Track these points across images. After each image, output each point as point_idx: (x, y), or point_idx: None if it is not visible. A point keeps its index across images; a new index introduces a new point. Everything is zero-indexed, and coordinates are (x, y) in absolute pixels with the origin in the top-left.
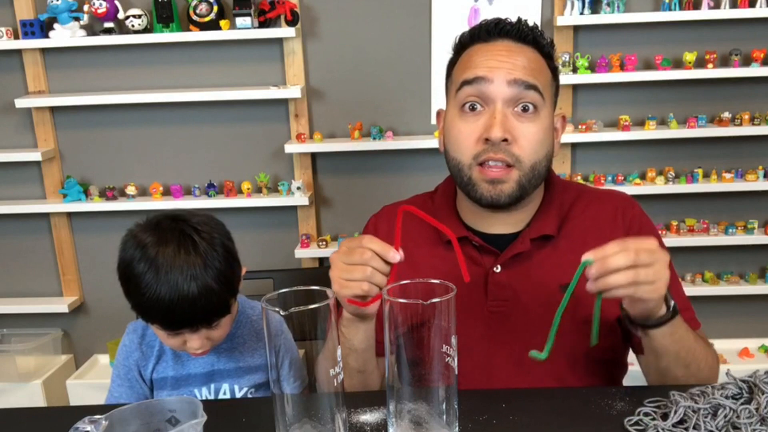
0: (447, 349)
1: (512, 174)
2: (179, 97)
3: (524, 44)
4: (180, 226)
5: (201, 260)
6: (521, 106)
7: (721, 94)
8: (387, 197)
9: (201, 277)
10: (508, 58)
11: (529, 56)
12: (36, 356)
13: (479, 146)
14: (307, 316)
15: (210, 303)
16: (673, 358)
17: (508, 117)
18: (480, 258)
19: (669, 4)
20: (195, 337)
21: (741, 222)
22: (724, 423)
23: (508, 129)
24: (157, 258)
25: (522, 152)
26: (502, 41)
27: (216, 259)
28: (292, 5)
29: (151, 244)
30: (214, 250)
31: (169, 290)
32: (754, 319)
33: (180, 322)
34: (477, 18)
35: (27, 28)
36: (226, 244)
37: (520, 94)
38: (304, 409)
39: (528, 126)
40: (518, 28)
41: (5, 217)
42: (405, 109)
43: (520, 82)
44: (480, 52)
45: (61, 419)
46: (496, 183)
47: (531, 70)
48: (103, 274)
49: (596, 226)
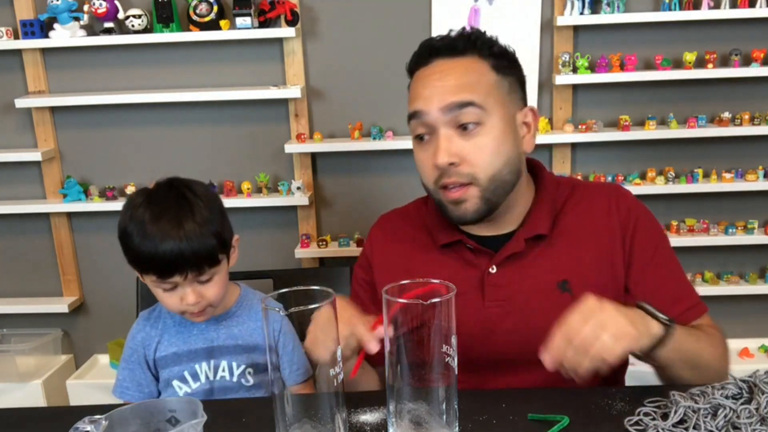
0: (447, 349)
1: (471, 191)
2: (179, 97)
3: (458, 57)
4: (174, 185)
5: (190, 208)
6: (461, 126)
7: (721, 94)
8: (387, 197)
9: (190, 222)
10: (439, 80)
11: (463, 69)
12: (36, 356)
13: (435, 172)
14: (307, 316)
15: (198, 245)
16: (680, 365)
17: (453, 139)
18: (475, 260)
19: (669, 4)
20: (189, 291)
21: (741, 222)
22: (724, 423)
23: (454, 152)
24: (151, 206)
25: (474, 169)
26: (436, 61)
27: (205, 209)
28: (292, 5)
29: (147, 199)
30: (204, 203)
31: (160, 232)
32: (754, 319)
33: (171, 266)
34: (477, 18)
35: (27, 28)
36: (217, 202)
37: (456, 116)
38: (304, 409)
39: (474, 141)
40: (448, 43)
41: (5, 217)
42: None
43: (452, 105)
44: (419, 79)
45: (61, 419)
46: (459, 203)
47: (464, 86)
48: (103, 274)
49: (590, 220)
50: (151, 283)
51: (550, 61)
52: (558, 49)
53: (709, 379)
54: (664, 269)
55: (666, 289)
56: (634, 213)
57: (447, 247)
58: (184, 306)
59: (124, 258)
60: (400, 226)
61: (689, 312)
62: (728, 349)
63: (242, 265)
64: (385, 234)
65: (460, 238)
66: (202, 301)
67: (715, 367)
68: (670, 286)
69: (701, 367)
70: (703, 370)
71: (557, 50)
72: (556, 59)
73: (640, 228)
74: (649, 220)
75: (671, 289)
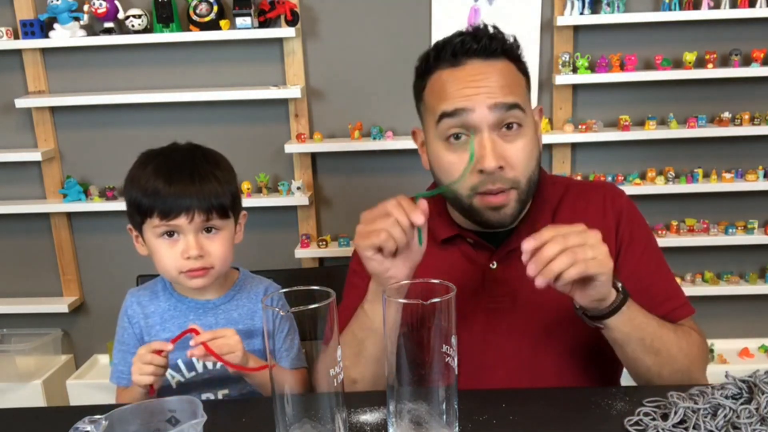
0: (447, 349)
1: (512, 195)
2: (179, 97)
3: (492, 59)
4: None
5: (206, 159)
6: (506, 126)
7: (721, 94)
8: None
9: (203, 168)
10: (483, 81)
11: (502, 71)
12: (36, 356)
13: (474, 177)
14: (307, 316)
15: (209, 188)
16: (639, 346)
17: (497, 141)
18: (475, 255)
19: (669, 4)
20: (192, 240)
21: (741, 222)
22: (724, 423)
23: (500, 155)
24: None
25: (517, 173)
26: (470, 63)
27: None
28: (292, 5)
29: (163, 149)
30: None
31: (173, 171)
32: (754, 319)
33: (179, 202)
34: (477, 18)
35: (27, 28)
36: (231, 167)
37: (503, 116)
38: (304, 409)
39: (517, 144)
40: (485, 46)
41: (5, 217)
42: (405, 109)
43: (501, 105)
44: (451, 79)
45: (61, 419)
46: (499, 208)
47: (508, 87)
48: (103, 274)
49: (586, 219)
50: (153, 231)
51: (550, 61)
52: (558, 49)
53: (676, 374)
54: (652, 269)
55: (654, 288)
56: (627, 214)
57: (447, 242)
58: (184, 262)
59: (124, 258)
60: None
61: (676, 311)
62: (705, 353)
63: (242, 265)
64: None
65: (460, 232)
66: (205, 257)
67: (682, 363)
68: (659, 286)
69: (662, 354)
70: (664, 359)
71: (557, 50)
72: (556, 59)
73: (632, 228)
74: (639, 220)
75: (659, 288)
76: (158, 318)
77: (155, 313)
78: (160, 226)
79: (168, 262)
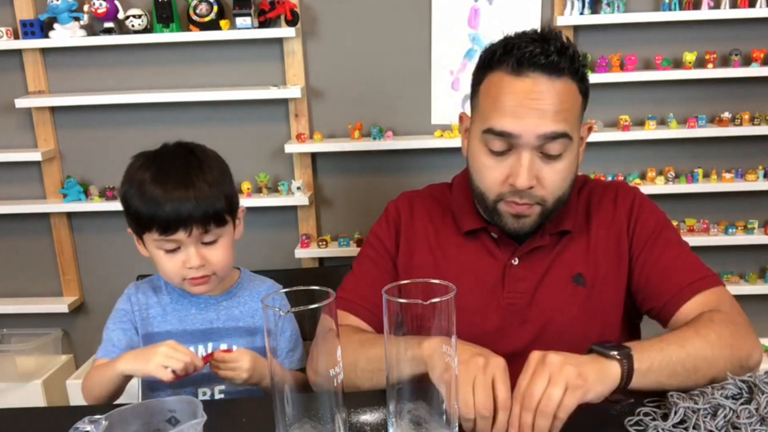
0: (447, 349)
1: (536, 209)
2: (179, 97)
3: (556, 77)
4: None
5: (200, 167)
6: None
7: (721, 94)
8: (387, 197)
9: (200, 180)
10: (539, 102)
11: (560, 91)
12: (36, 356)
13: (504, 187)
14: (307, 316)
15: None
16: (674, 380)
17: (534, 161)
18: (498, 250)
19: (669, 4)
20: (192, 252)
21: (741, 222)
22: (724, 423)
23: (534, 174)
24: (158, 163)
25: (547, 192)
26: (533, 76)
27: (215, 170)
28: (292, 5)
29: (153, 157)
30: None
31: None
32: (754, 319)
33: (176, 220)
34: (477, 18)
35: (27, 28)
36: (226, 166)
37: (547, 144)
38: (304, 409)
39: (555, 166)
40: (552, 62)
41: (5, 217)
42: (405, 109)
43: (548, 135)
44: (509, 89)
45: (61, 419)
46: (520, 217)
47: (561, 113)
48: (103, 274)
49: (602, 215)
50: (153, 243)
51: None
52: None
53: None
54: (670, 248)
55: (675, 266)
56: (637, 206)
57: (470, 234)
58: (186, 270)
59: (124, 258)
60: (426, 205)
61: (700, 282)
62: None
63: (243, 265)
64: (413, 207)
65: (484, 226)
66: (207, 265)
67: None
68: (679, 263)
69: (701, 367)
70: (706, 367)
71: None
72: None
73: (643, 217)
74: (650, 206)
75: (680, 264)
76: (160, 309)
77: (157, 305)
78: (159, 240)
79: (170, 271)
